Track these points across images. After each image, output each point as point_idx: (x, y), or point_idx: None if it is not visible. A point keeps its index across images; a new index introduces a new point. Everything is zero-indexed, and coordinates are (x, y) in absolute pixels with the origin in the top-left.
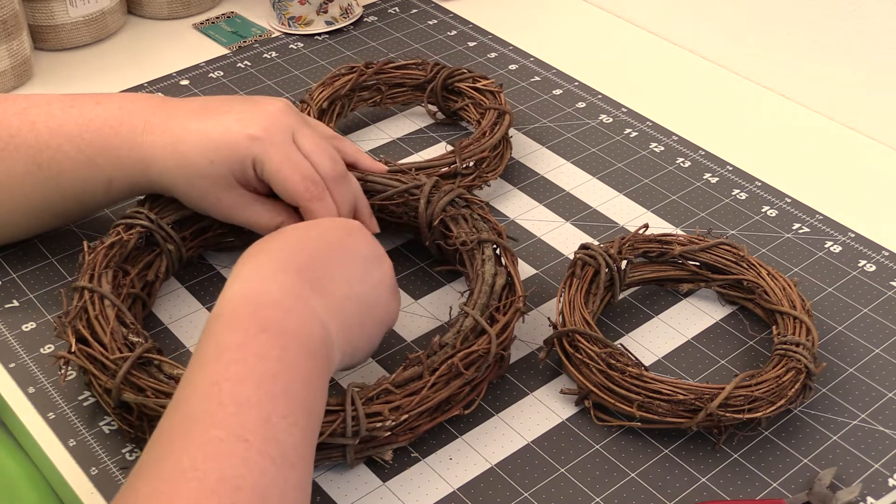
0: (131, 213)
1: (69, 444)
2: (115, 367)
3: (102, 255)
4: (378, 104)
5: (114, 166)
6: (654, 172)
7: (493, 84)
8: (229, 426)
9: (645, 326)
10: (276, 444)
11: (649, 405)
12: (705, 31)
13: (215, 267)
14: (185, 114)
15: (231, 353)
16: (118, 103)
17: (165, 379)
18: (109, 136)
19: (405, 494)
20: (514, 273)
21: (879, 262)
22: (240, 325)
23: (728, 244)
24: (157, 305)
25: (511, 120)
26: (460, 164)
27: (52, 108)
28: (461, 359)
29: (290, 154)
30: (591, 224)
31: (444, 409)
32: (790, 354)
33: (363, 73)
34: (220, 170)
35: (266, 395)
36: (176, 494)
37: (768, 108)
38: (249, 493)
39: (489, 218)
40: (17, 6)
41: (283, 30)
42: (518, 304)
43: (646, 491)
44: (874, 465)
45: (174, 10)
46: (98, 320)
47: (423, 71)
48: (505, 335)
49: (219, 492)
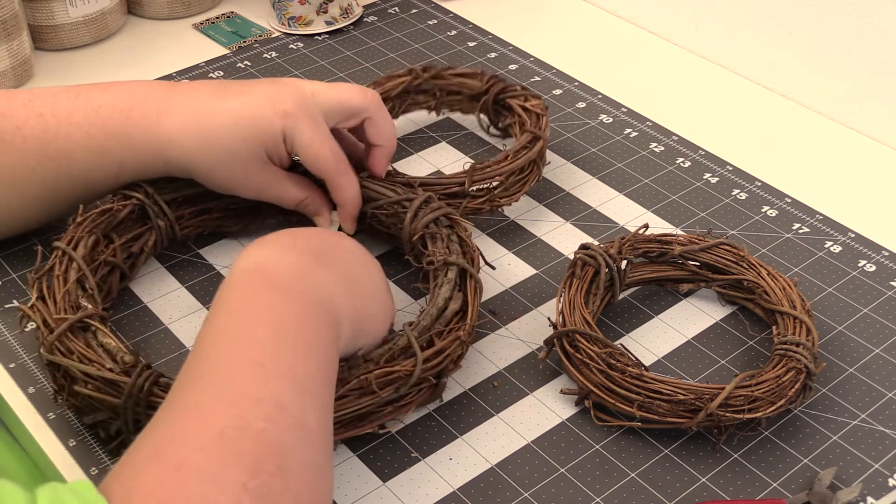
0: (131, 185)
1: (69, 444)
2: (55, 326)
3: (90, 220)
4: (433, 109)
5: (126, 150)
6: (654, 172)
7: (540, 106)
8: (245, 355)
9: (645, 326)
10: (294, 373)
11: (649, 405)
12: (705, 31)
13: (215, 267)
14: (206, 95)
15: (241, 307)
16: (126, 89)
17: (96, 346)
18: (120, 121)
19: (405, 494)
20: (472, 301)
21: (879, 262)
22: (251, 287)
23: (728, 244)
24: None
25: (544, 146)
26: (468, 186)
27: (58, 99)
28: (378, 377)
29: (321, 128)
30: (591, 224)
31: (356, 425)
32: (790, 354)
33: (418, 77)
34: (253, 146)
35: (277, 336)
36: (193, 407)
37: (768, 108)
38: (268, 404)
39: (469, 242)
40: (17, 6)
41: (283, 30)
42: (460, 333)
43: (646, 491)
44: (874, 465)
45: (174, 10)
46: (58, 280)
47: (480, 81)
48: (438, 360)
49: (237, 402)
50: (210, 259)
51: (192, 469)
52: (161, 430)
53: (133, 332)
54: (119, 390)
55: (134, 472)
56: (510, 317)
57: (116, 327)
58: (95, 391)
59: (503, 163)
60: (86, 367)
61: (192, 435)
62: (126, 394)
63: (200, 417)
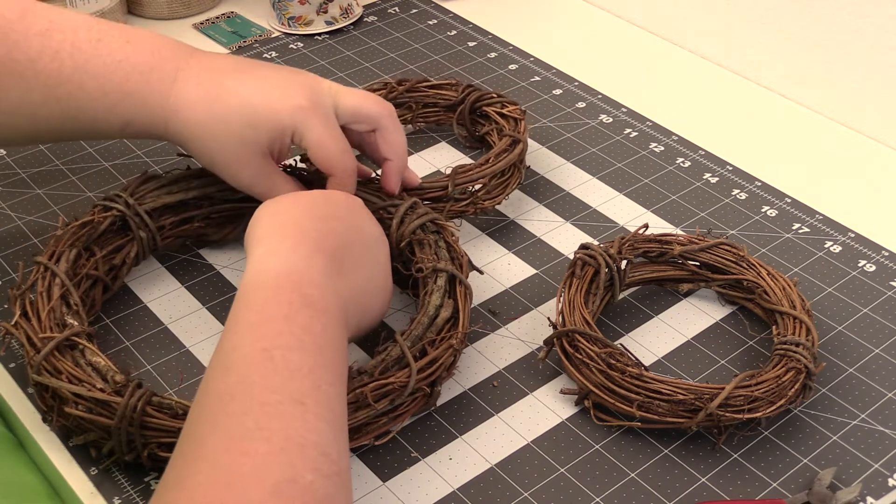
0: (111, 196)
1: (69, 444)
2: (41, 345)
3: (71, 234)
4: (409, 122)
5: (136, 111)
6: (654, 172)
7: (518, 110)
8: (286, 391)
9: (645, 326)
10: (329, 408)
11: (649, 405)
12: (705, 31)
13: (215, 267)
14: (224, 71)
15: (278, 324)
16: (150, 45)
17: (85, 365)
18: (138, 83)
19: (405, 494)
20: (463, 308)
21: (879, 262)
22: (284, 298)
23: (728, 244)
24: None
25: (524, 149)
26: (451, 190)
27: (79, 37)
28: (373, 389)
29: (332, 124)
30: (591, 224)
31: (352, 437)
32: (790, 354)
33: (394, 90)
34: (260, 136)
35: (315, 364)
36: (245, 452)
37: (768, 108)
38: (312, 450)
39: (457, 248)
40: None
41: (283, 30)
42: (452, 341)
43: (646, 491)
44: (874, 465)
45: (174, 10)
46: (42, 296)
47: (456, 91)
48: (431, 370)
49: (287, 449)
50: (210, 259)
51: None
52: (211, 473)
53: (133, 332)
54: (111, 410)
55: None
56: (510, 317)
57: (115, 327)
58: (86, 412)
59: (485, 166)
60: (76, 388)
61: (249, 486)
62: (119, 415)
63: (255, 466)
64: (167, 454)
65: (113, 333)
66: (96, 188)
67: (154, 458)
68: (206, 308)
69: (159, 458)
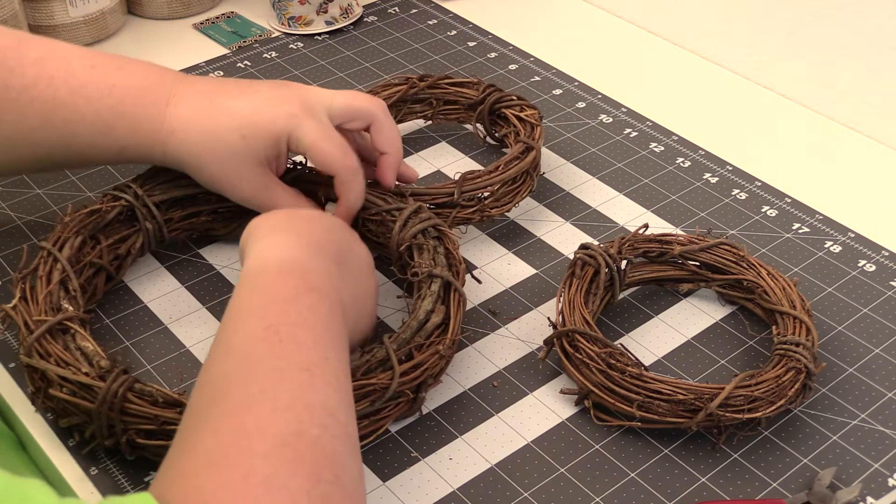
0: (121, 186)
1: (69, 445)
2: (34, 328)
3: (78, 221)
4: (430, 119)
5: (130, 136)
6: (654, 172)
7: (535, 116)
8: (292, 359)
9: (645, 326)
10: (336, 377)
11: (649, 405)
12: (705, 31)
13: (215, 267)
14: (214, 91)
15: (283, 304)
16: (142, 72)
17: (74, 349)
18: (132, 106)
19: (405, 494)
20: (455, 315)
21: (879, 262)
22: (289, 282)
23: (728, 244)
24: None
25: (537, 156)
26: (457, 197)
27: (72, 65)
28: (354, 389)
29: (326, 126)
30: (591, 224)
31: None
32: (790, 354)
33: (415, 86)
34: (255, 147)
35: (321, 340)
36: (249, 412)
37: (768, 108)
38: (319, 409)
39: (456, 255)
40: (17, 6)
41: (283, 30)
42: (439, 347)
43: (646, 491)
44: (874, 465)
45: (174, 10)
46: (41, 280)
47: (477, 91)
48: (416, 374)
49: (294, 407)
50: (210, 259)
51: (260, 477)
52: (214, 435)
53: (133, 332)
54: (94, 395)
55: (195, 481)
56: (510, 317)
57: (115, 327)
58: (70, 395)
59: (494, 173)
60: (62, 371)
61: (253, 441)
62: (100, 399)
63: (258, 423)
64: (146, 441)
65: (113, 333)
66: (96, 188)
67: (133, 444)
68: (206, 308)
69: (137, 445)
